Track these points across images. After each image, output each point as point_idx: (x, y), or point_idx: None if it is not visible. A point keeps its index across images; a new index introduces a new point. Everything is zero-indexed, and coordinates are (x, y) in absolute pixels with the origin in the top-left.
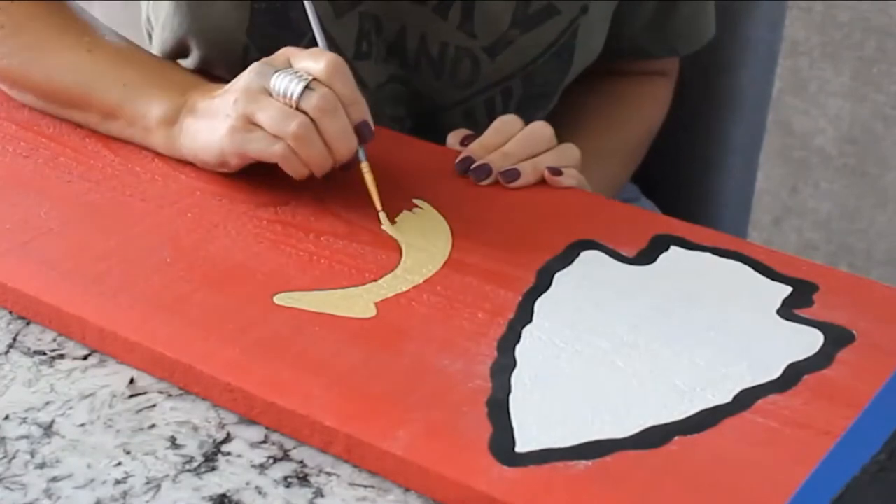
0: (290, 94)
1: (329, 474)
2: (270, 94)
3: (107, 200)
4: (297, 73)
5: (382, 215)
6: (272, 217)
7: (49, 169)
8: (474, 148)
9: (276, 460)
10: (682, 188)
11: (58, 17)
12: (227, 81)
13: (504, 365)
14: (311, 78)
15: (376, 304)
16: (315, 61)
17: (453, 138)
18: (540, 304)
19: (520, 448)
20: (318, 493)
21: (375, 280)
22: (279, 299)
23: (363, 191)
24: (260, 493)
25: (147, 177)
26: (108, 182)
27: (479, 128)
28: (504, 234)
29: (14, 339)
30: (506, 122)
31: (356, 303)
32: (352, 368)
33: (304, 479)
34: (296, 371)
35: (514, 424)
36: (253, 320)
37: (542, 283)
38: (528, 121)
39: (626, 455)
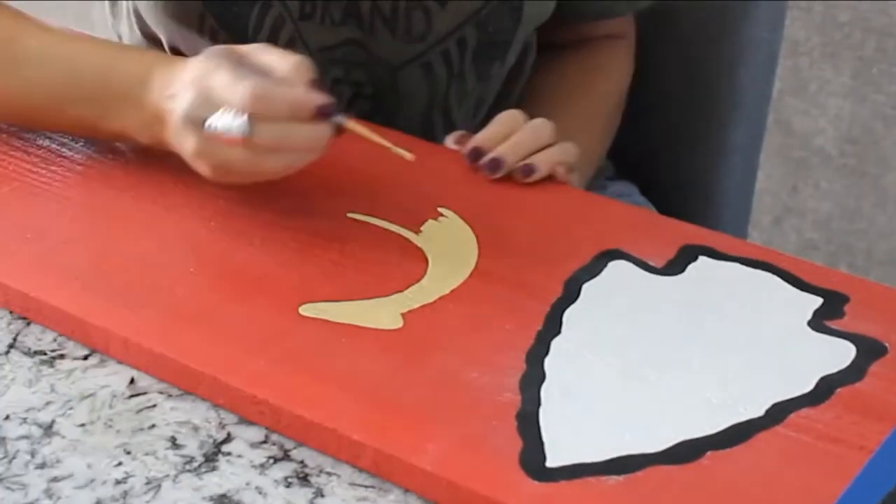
0: (236, 136)
1: (329, 474)
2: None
3: (129, 209)
4: (230, 112)
5: (397, 149)
6: (297, 226)
7: (70, 177)
8: (480, 140)
9: (276, 460)
10: (682, 188)
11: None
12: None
13: (533, 377)
14: (243, 116)
15: (403, 315)
16: (234, 94)
17: (451, 139)
18: (568, 316)
19: (550, 463)
20: (319, 493)
21: (402, 291)
22: (305, 310)
23: (388, 200)
24: (260, 493)
25: (170, 185)
26: (130, 190)
27: (439, 84)
28: (530, 243)
29: (14, 339)
30: (509, 115)
31: (383, 314)
32: (379, 381)
33: (304, 479)
34: (323, 383)
35: (545, 439)
36: (279, 331)
37: (571, 294)
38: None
39: (657, 470)
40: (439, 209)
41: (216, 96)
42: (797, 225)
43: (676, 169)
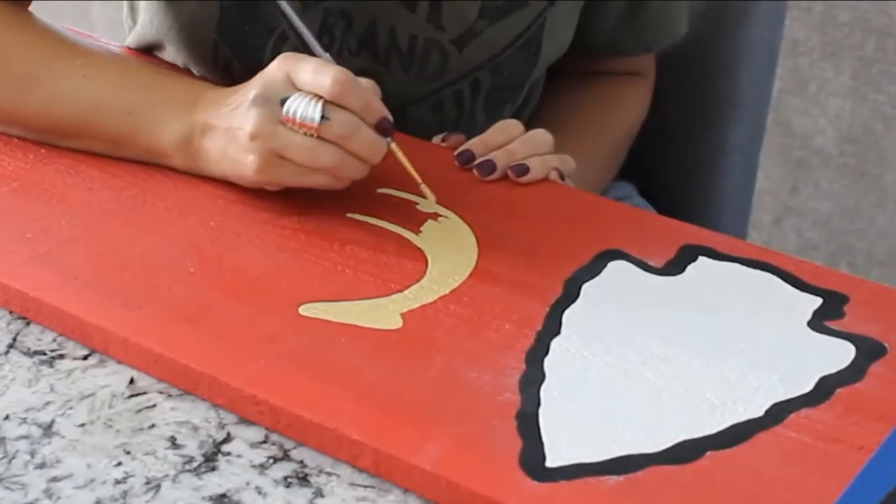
0: (308, 122)
1: (329, 474)
2: (284, 122)
3: (129, 209)
4: (306, 97)
5: (425, 188)
6: (296, 226)
7: (70, 177)
8: (475, 143)
9: (276, 460)
10: (682, 188)
11: (47, 43)
12: (203, 78)
13: (533, 378)
14: (321, 100)
15: (402, 315)
16: (319, 78)
17: (439, 139)
18: (568, 316)
19: (550, 463)
20: (318, 493)
21: (401, 290)
22: (305, 310)
23: (387, 199)
24: (260, 493)
25: (169, 185)
26: (129, 190)
27: (447, 121)
28: (530, 243)
29: (14, 339)
30: (508, 124)
31: (382, 314)
32: (379, 381)
33: (304, 479)
34: (322, 383)
35: (545, 439)
36: (278, 331)
37: (570, 294)
38: (497, 115)
39: (657, 470)
40: (439, 209)
41: (298, 79)
42: (797, 225)
43: (676, 169)
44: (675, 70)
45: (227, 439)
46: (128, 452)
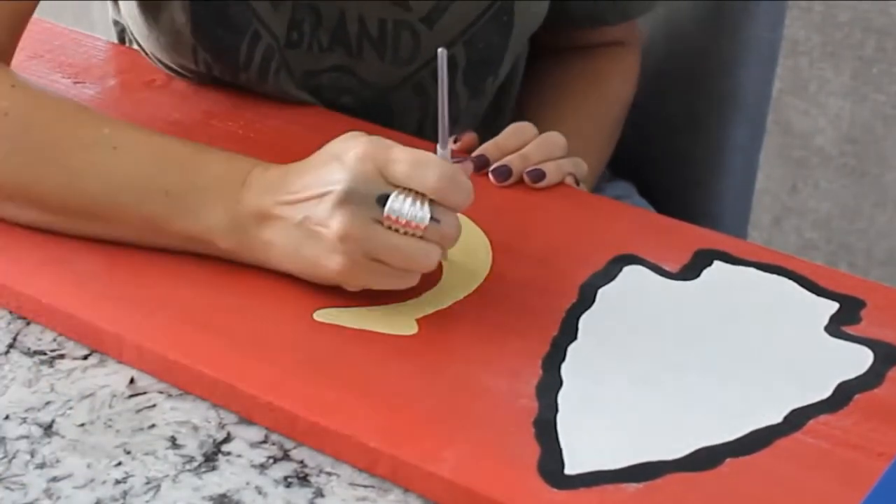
0: (416, 222)
1: (329, 474)
2: (380, 221)
3: None
4: (410, 195)
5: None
6: None
7: None
8: (489, 148)
9: (276, 460)
10: (682, 188)
11: (70, 108)
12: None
13: (550, 384)
14: (426, 198)
15: (418, 321)
16: (420, 174)
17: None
18: (584, 321)
19: (569, 470)
20: (319, 493)
21: (416, 296)
22: (320, 316)
23: None
24: (260, 493)
25: None
26: None
27: (430, 102)
28: (545, 248)
29: (14, 339)
30: (521, 127)
31: (398, 319)
32: (395, 387)
33: (304, 479)
34: (338, 390)
35: (563, 446)
36: (293, 338)
37: (586, 299)
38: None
39: (677, 477)
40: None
41: (394, 173)
42: (797, 225)
43: (676, 169)
44: (675, 70)
45: (228, 439)
46: (128, 452)
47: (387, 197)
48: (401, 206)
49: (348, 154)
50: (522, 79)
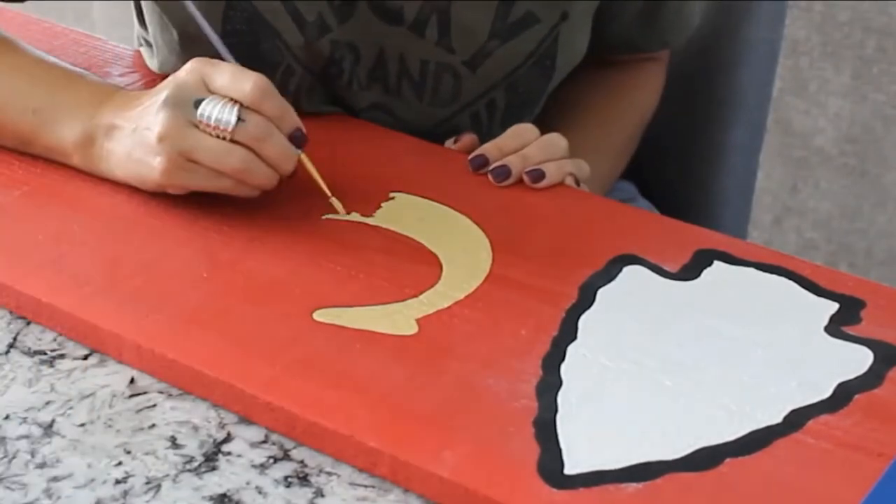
0: (223, 125)
1: (329, 474)
2: (196, 125)
3: (139, 213)
4: (222, 101)
5: (334, 201)
6: (309, 230)
7: (81, 181)
8: (489, 148)
9: (276, 460)
10: (682, 188)
11: None
12: None
13: (550, 384)
14: (237, 104)
15: (418, 321)
16: (237, 83)
17: (451, 142)
18: (584, 321)
19: (569, 470)
20: (319, 493)
21: (416, 296)
22: (319, 316)
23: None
24: (260, 492)
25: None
26: (140, 195)
27: None
28: (544, 248)
29: (14, 339)
30: (522, 129)
31: (397, 319)
32: (395, 387)
33: (304, 479)
34: (338, 390)
35: (563, 446)
36: (293, 337)
37: (586, 299)
38: None
39: (676, 477)
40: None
41: (215, 82)
42: (797, 225)
43: (676, 169)
44: (675, 70)
45: (228, 439)
46: (128, 452)
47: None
48: (211, 110)
49: (181, 70)
50: None
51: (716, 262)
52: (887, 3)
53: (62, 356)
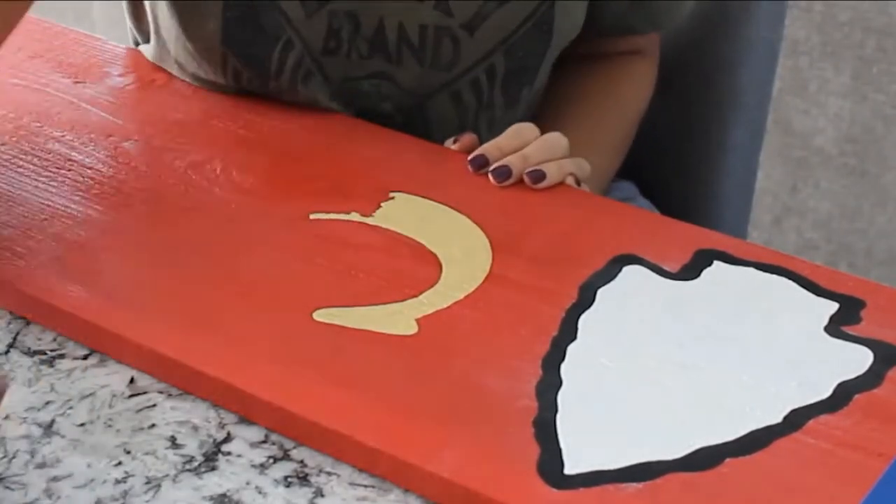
0: None
1: (329, 474)
2: None
3: (139, 213)
4: None
5: None
6: (309, 230)
7: (80, 181)
8: (489, 148)
9: (276, 460)
10: (682, 188)
11: None
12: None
13: (550, 384)
14: None
15: (417, 321)
16: None
17: (451, 141)
18: (584, 321)
19: (569, 470)
20: (319, 493)
21: (416, 296)
22: (319, 315)
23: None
24: (260, 492)
25: (180, 189)
26: (139, 195)
27: (468, 112)
28: (544, 248)
29: (14, 339)
30: (522, 128)
31: (397, 319)
32: (395, 387)
33: (304, 479)
34: (338, 389)
35: (563, 446)
36: (293, 337)
37: (586, 299)
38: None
39: (676, 477)
40: (453, 213)
41: None
42: (797, 225)
43: (677, 169)
44: (675, 70)
45: (228, 439)
46: (128, 452)
47: None
48: None
49: None
50: None
51: (716, 262)
52: (887, 3)
53: (62, 356)
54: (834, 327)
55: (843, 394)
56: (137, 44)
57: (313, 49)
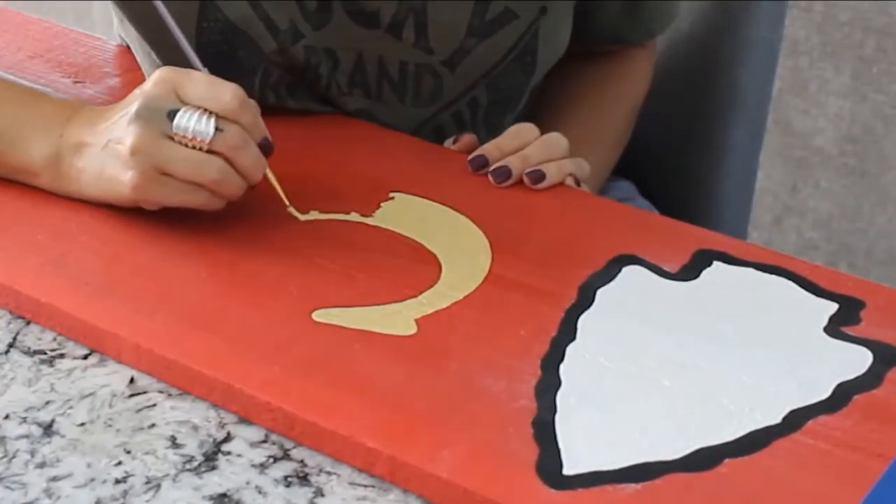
0: (201, 136)
1: (329, 474)
2: (170, 137)
3: (138, 214)
4: (198, 112)
5: (292, 210)
6: (308, 230)
7: None
8: (489, 148)
9: (276, 460)
10: (682, 188)
11: None
12: None
13: (549, 384)
14: (213, 114)
15: (417, 321)
16: (215, 94)
17: (451, 142)
18: (583, 322)
19: (567, 470)
20: (319, 493)
21: (415, 296)
22: (318, 316)
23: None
24: (260, 492)
25: None
26: None
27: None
28: (544, 248)
29: (14, 339)
30: (523, 129)
31: (397, 319)
32: (394, 387)
33: (304, 479)
34: (337, 390)
35: (561, 446)
36: (292, 338)
37: (585, 300)
38: (498, 128)
39: (675, 477)
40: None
41: (188, 93)
42: (797, 225)
43: (676, 169)
44: (674, 70)
45: (228, 439)
46: (128, 452)
47: (177, 113)
48: (187, 121)
49: (148, 80)
50: None
51: (715, 263)
52: (887, 3)
53: (62, 356)
54: (833, 328)
55: (843, 394)
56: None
57: (294, 72)
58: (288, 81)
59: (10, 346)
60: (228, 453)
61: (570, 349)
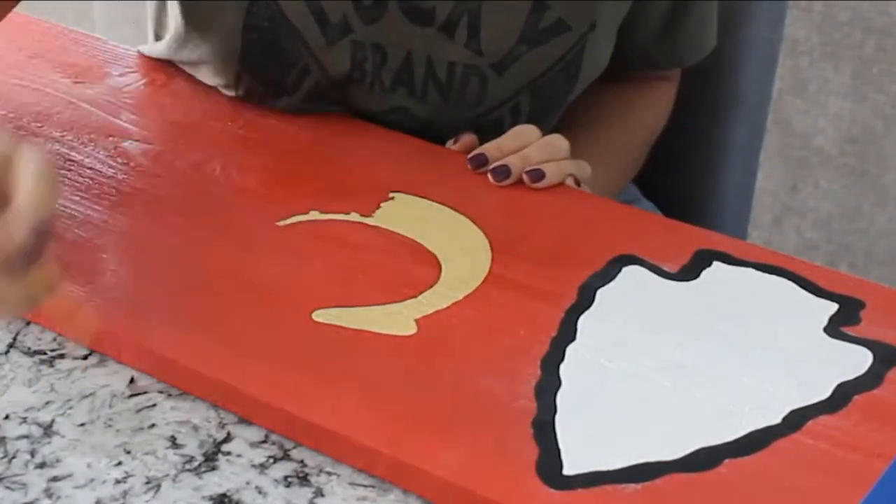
0: None
1: (329, 474)
2: None
3: (137, 217)
4: None
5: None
6: (307, 231)
7: (80, 183)
8: (489, 148)
9: (276, 460)
10: (683, 188)
11: None
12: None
13: (549, 384)
14: None
15: (417, 321)
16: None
17: (451, 142)
18: (583, 322)
19: (567, 471)
20: (319, 493)
21: (415, 296)
22: (318, 316)
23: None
24: (260, 492)
25: (180, 189)
26: (139, 195)
27: None
28: (544, 248)
29: (14, 339)
30: (524, 129)
31: (397, 319)
32: (394, 387)
33: (304, 479)
34: (337, 390)
35: (561, 446)
36: (292, 338)
37: (585, 300)
38: None
39: (675, 478)
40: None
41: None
42: (797, 225)
43: (676, 169)
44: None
45: (228, 439)
46: (128, 452)
47: None
48: None
49: None
50: None
51: (715, 263)
52: (887, 3)
53: (62, 356)
54: (833, 328)
55: (843, 394)
56: (158, 38)
57: (332, 76)
58: (321, 87)
59: (10, 346)
60: (228, 453)
61: (570, 349)
